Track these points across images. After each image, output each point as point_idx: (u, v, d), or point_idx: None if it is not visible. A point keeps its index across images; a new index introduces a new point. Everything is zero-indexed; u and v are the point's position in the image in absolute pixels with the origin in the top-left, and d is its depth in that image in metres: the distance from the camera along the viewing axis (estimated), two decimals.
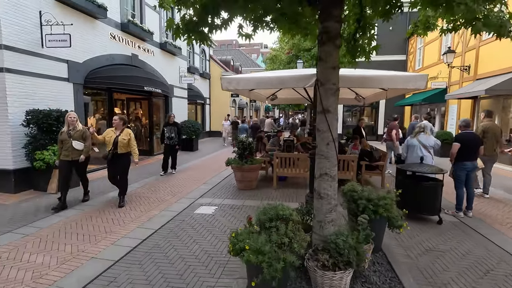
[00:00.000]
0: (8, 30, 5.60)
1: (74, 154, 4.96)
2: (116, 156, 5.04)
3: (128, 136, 5.10)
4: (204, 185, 6.76)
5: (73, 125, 4.99)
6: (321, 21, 2.64)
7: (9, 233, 3.99)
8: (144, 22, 10.11)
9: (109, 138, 5.03)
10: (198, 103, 17.98)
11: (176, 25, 3.26)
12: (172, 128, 7.73)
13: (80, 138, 5.01)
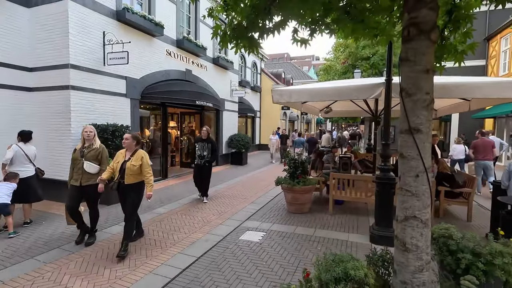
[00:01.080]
0: (75, 51, 6.00)
1: (85, 178, 3.97)
2: (123, 187, 3.83)
3: (139, 161, 3.83)
4: (251, 205, 6.28)
5: (90, 141, 4.09)
6: (408, 11, 1.97)
7: (58, 248, 3.98)
8: (198, 38, 10.35)
9: (117, 163, 3.86)
10: (248, 116, 17.94)
11: (223, 31, 2.89)
12: (205, 144, 6.40)
13: (95, 159, 4.05)
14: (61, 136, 6.09)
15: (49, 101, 6.16)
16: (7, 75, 5.92)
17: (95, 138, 4.18)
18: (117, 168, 3.84)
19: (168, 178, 9.14)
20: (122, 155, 3.91)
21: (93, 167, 4.02)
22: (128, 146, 3.90)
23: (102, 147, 4.23)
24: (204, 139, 6.42)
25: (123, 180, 3.79)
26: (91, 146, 4.09)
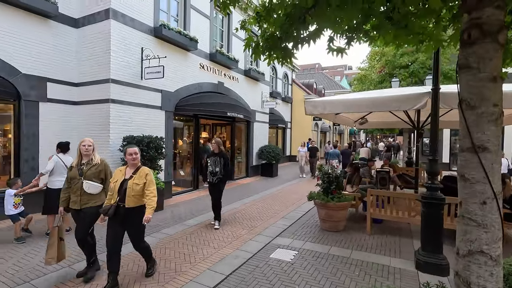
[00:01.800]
0: (116, 66, 6.34)
1: (84, 200, 3.34)
2: (123, 212, 3.11)
3: (143, 179, 3.18)
4: (282, 220, 6.04)
5: (88, 156, 3.44)
6: (468, 11, 1.72)
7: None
8: (230, 51, 10.53)
9: (114, 183, 3.15)
10: (279, 127, 17.79)
11: (256, 42, 2.81)
12: (217, 159, 5.46)
13: (96, 178, 3.40)
14: (100, 147, 6.36)
15: (92, 114, 6.54)
16: (57, 90, 6.40)
17: (94, 153, 3.51)
18: (115, 188, 3.12)
19: (199, 189, 9.21)
20: (122, 173, 3.22)
21: (94, 186, 3.38)
22: (132, 161, 3.21)
23: (104, 162, 3.55)
24: (216, 153, 5.54)
25: (123, 203, 3.09)
26: (90, 162, 3.43)
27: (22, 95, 5.82)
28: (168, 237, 4.95)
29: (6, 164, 6.79)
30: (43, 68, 6.16)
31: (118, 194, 3.11)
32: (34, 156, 6.04)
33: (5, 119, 6.65)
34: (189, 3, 8.47)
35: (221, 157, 5.53)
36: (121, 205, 3.11)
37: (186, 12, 8.40)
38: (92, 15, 6.50)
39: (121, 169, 3.28)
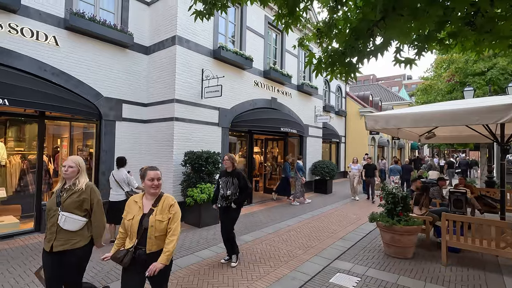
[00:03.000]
0: (179, 87, 6.89)
1: (61, 241, 2.50)
2: (144, 259, 2.30)
3: (168, 213, 2.38)
4: (341, 242, 5.69)
5: (70, 180, 2.63)
6: None
7: None
8: (284, 67, 10.67)
9: (129, 220, 2.35)
10: (332, 141, 17.21)
11: (318, 59, 2.77)
12: (229, 179, 4.41)
13: (78, 208, 2.57)
14: (165, 162, 6.91)
15: (158, 131, 7.15)
16: (130, 110, 7.19)
17: (79, 175, 2.65)
18: (132, 227, 2.32)
19: (252, 204, 9.28)
20: (138, 206, 2.39)
21: (73, 221, 2.52)
22: (152, 189, 2.39)
23: (91, 187, 2.67)
24: (229, 172, 4.45)
25: (143, 246, 2.30)
26: (72, 188, 2.59)
27: (103, 115, 6.66)
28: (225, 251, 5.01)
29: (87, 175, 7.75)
30: (120, 91, 6.99)
31: (137, 236, 2.30)
32: (110, 169, 6.78)
33: (88, 135, 7.66)
34: (245, 24, 8.89)
35: (235, 177, 4.40)
36: (141, 249, 2.30)
37: (242, 33, 8.82)
38: (161, 42, 7.23)
39: (136, 200, 2.43)
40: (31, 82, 5.41)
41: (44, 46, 5.78)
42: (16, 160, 6.34)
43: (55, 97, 5.58)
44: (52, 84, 5.83)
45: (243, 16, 8.80)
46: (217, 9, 2.47)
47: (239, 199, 4.41)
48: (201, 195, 6.28)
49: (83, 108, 6.13)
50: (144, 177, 2.40)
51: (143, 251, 2.30)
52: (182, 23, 6.96)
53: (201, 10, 2.48)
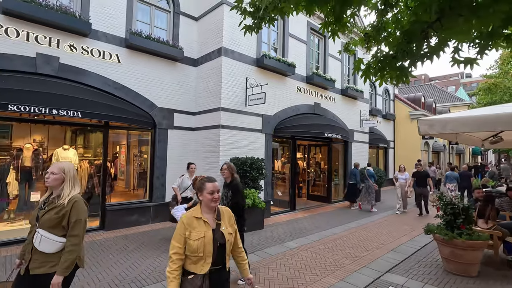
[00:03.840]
0: (225, 96, 7.20)
1: (36, 262, 2.12)
2: (226, 277, 2.10)
3: (234, 224, 2.20)
4: (392, 254, 5.36)
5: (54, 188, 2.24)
6: None
7: None
8: (327, 72, 10.50)
9: (199, 240, 1.95)
10: (380, 147, 16.32)
11: (366, 64, 2.72)
12: (226, 192, 3.92)
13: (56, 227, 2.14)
14: (211, 168, 7.23)
15: (205, 138, 7.53)
16: (180, 119, 7.70)
17: (64, 186, 2.22)
18: (204, 247, 1.95)
19: (296, 210, 9.21)
20: (202, 221, 2.03)
21: (49, 242, 2.11)
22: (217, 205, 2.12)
23: (74, 201, 2.19)
24: (227, 184, 3.96)
25: (221, 265, 2.03)
26: (54, 200, 2.19)
27: (157, 124, 7.23)
28: (270, 257, 5.07)
29: (142, 179, 8.45)
30: (171, 101, 7.54)
31: (212, 255, 1.97)
32: (163, 174, 7.32)
33: (143, 142, 8.37)
34: (287, 32, 8.98)
35: (231, 189, 3.80)
36: (218, 269, 2.01)
37: (285, 40, 8.92)
38: (207, 55, 7.66)
39: (197, 215, 2.05)
40: (98, 96, 6.12)
41: (108, 64, 6.51)
42: (85, 165, 7.17)
43: (118, 108, 6.23)
44: (115, 97, 6.52)
45: (286, 24, 8.90)
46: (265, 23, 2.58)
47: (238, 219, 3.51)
48: (246, 200, 6.43)
49: (140, 118, 6.75)
50: (202, 190, 2.08)
51: (223, 270, 2.05)
52: (227, 35, 7.30)
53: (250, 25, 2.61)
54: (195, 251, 1.94)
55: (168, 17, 7.74)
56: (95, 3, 6.33)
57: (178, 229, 2.01)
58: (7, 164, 6.20)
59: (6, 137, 7.23)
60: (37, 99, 5.06)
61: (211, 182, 2.09)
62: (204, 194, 2.07)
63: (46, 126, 7.07)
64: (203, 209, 2.10)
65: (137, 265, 4.52)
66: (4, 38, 5.26)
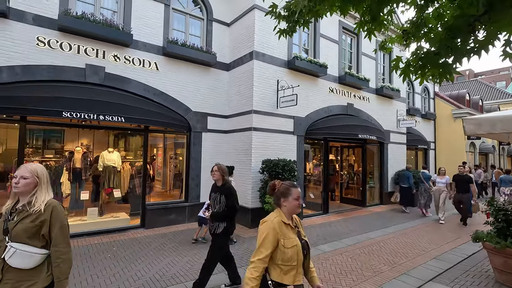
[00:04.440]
0: (256, 99, 7.29)
1: (9, 284, 1.78)
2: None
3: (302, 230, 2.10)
4: (434, 262, 5.04)
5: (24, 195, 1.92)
6: None
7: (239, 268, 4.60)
8: (360, 71, 10.19)
9: (293, 247, 1.86)
10: (419, 148, 15.40)
11: (405, 62, 2.62)
12: (217, 197, 3.69)
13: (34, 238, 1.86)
14: (243, 169, 7.36)
15: (237, 141, 7.68)
16: (213, 122, 7.94)
17: (37, 191, 1.94)
18: (298, 255, 1.87)
19: (328, 213, 9.02)
20: (290, 227, 1.95)
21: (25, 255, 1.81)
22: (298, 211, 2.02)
23: (53, 206, 1.92)
24: (218, 187, 3.72)
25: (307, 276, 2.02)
26: (26, 208, 1.88)
27: (192, 127, 7.53)
28: None
29: (177, 180, 8.82)
30: (205, 105, 7.80)
31: (303, 265, 1.92)
32: (198, 175, 7.59)
33: (178, 145, 8.74)
34: (319, 32, 8.88)
35: (223, 193, 3.63)
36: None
37: (316, 41, 8.82)
38: (239, 59, 7.82)
39: (285, 220, 1.94)
40: (139, 102, 6.52)
41: (148, 71, 6.92)
42: (127, 167, 7.67)
43: (156, 113, 6.59)
44: (153, 102, 6.90)
45: (317, 24, 8.81)
46: (299, 26, 2.60)
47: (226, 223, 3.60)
48: None
49: (177, 121, 7.07)
50: (287, 195, 1.97)
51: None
52: (258, 39, 7.40)
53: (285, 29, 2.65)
54: (289, 259, 1.83)
55: (202, 24, 8.04)
56: (135, 15, 6.78)
57: (268, 234, 1.84)
58: (60, 166, 6.84)
59: (59, 141, 7.99)
60: (86, 106, 5.54)
61: (296, 188, 2.01)
62: (289, 200, 1.96)
63: (92, 130, 7.70)
64: (286, 215, 1.97)
65: (175, 262, 4.74)
66: (60, 52, 5.83)
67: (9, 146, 6.99)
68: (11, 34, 5.38)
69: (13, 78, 5.36)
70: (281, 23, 2.66)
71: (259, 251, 1.84)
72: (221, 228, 3.58)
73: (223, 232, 3.59)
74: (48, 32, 5.72)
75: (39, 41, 5.63)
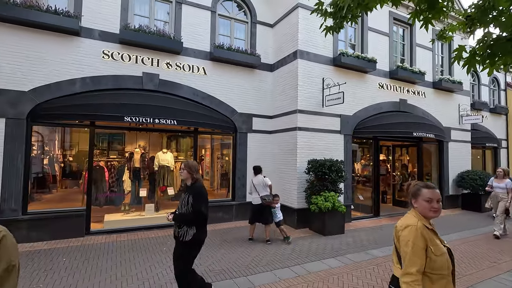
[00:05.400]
0: (302, 98, 7.21)
1: None
2: None
3: None
4: (508, 275, 4.44)
5: None
6: None
7: (287, 268, 4.60)
8: (414, 64, 9.43)
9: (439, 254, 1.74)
10: (487, 147, 13.68)
11: (470, 52, 2.37)
12: (186, 197, 3.19)
13: None
14: (288, 169, 7.33)
15: (282, 141, 7.68)
16: (258, 123, 8.05)
17: None
18: (448, 263, 1.75)
19: (379, 217, 8.52)
20: (434, 232, 1.84)
21: None
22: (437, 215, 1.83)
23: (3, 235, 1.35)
24: (188, 187, 3.25)
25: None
26: None
27: (238, 128, 7.74)
28: (353, 263, 4.83)
29: (224, 179, 9.13)
30: (250, 106, 7.96)
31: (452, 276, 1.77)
32: (244, 175, 7.77)
33: (224, 146, 9.05)
34: (366, 26, 8.44)
35: (191, 193, 3.13)
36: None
37: (364, 35, 8.41)
38: (283, 59, 7.82)
39: (425, 222, 1.82)
40: (188, 105, 6.91)
41: (196, 76, 7.30)
42: (179, 166, 8.17)
43: (205, 115, 6.92)
44: (202, 105, 7.26)
45: (365, 18, 8.38)
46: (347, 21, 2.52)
47: (188, 228, 3.08)
48: (325, 203, 6.28)
49: (223, 123, 7.34)
50: (417, 196, 1.88)
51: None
52: (302, 38, 7.31)
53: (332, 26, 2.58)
54: (439, 268, 1.70)
55: (246, 28, 8.22)
56: (185, 23, 7.21)
57: (416, 240, 1.70)
58: (122, 165, 7.57)
59: (121, 144, 8.85)
60: (143, 110, 6.05)
61: (429, 189, 1.84)
62: (419, 201, 1.85)
63: (148, 133, 8.35)
64: (422, 216, 1.84)
65: (224, 258, 4.92)
66: (121, 62, 6.47)
67: (81, 148, 7.96)
68: (83, 50, 6.13)
69: (84, 88, 6.10)
70: (328, 20, 2.60)
71: (412, 261, 1.65)
72: (190, 235, 3.06)
73: (192, 240, 3.07)
74: (111, 45, 6.38)
75: (104, 54, 6.32)
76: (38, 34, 5.73)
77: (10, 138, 5.46)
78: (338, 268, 4.62)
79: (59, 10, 5.76)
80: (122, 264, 4.58)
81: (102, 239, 5.85)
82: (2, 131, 5.41)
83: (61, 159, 8.41)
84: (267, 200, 5.82)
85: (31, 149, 5.85)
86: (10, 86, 5.51)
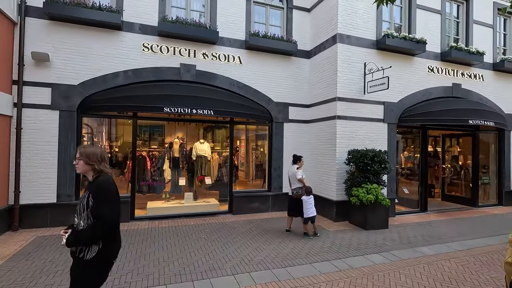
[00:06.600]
0: (341, 85, 6.81)
1: None
2: None
3: None
4: None
5: None
6: None
7: (327, 261, 4.41)
8: (470, 44, 8.43)
9: None
10: None
11: None
12: (83, 199, 2.09)
13: None
14: (327, 160, 7.03)
15: (320, 130, 7.37)
16: (294, 112, 7.81)
17: None
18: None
19: (427, 212, 7.88)
20: None
21: None
22: None
23: None
24: (89, 183, 2.19)
25: None
26: None
27: (274, 118, 7.57)
28: (400, 261, 4.49)
29: (259, 170, 9.08)
30: (286, 95, 7.73)
31: None
32: (280, 166, 7.63)
33: (259, 137, 8.95)
34: (415, 3, 7.68)
35: (91, 192, 2.10)
36: None
37: (411, 14, 7.67)
38: (321, 44, 7.43)
39: None
40: (225, 95, 6.89)
41: (232, 66, 7.24)
42: (215, 157, 8.28)
43: (241, 105, 6.87)
44: (238, 95, 7.19)
45: None
46: None
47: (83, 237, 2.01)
48: (368, 195, 5.92)
49: (259, 113, 7.23)
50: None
51: None
52: (342, 20, 6.86)
53: None
54: None
55: (282, 14, 7.94)
56: (220, 13, 7.14)
57: None
58: (163, 155, 7.85)
59: (161, 135, 9.18)
60: (182, 101, 6.15)
61: None
62: None
63: (185, 125, 8.53)
64: None
65: (262, 249, 4.86)
66: (160, 54, 6.62)
67: (125, 140, 8.39)
68: (125, 44, 6.36)
69: (127, 80, 6.35)
70: None
71: None
72: (94, 251, 2.04)
73: (96, 258, 2.04)
74: (150, 38, 6.54)
75: (144, 47, 6.50)
76: (84, 30, 6.05)
77: (63, 129, 5.89)
78: (383, 264, 4.33)
79: (102, 6, 6.01)
80: (164, 249, 4.74)
81: (145, 225, 6.14)
82: (56, 123, 5.85)
83: (108, 150, 8.97)
84: (295, 193, 5.64)
85: (81, 140, 6.28)
86: (62, 80, 5.91)
